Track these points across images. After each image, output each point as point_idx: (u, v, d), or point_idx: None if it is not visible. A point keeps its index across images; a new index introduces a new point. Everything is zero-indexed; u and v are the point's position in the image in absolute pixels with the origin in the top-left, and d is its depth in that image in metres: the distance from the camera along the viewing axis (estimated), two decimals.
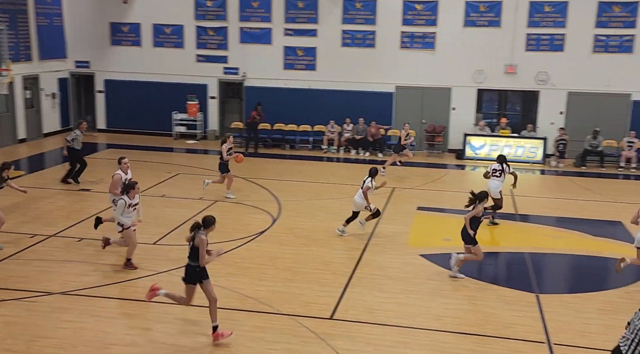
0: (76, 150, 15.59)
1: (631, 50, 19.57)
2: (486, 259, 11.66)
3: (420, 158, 20.61)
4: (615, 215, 14.20)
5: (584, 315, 9.14)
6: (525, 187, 17.38)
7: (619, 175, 18.89)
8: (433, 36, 20.91)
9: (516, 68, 20.43)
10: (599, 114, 20.03)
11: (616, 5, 19.45)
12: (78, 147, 15.60)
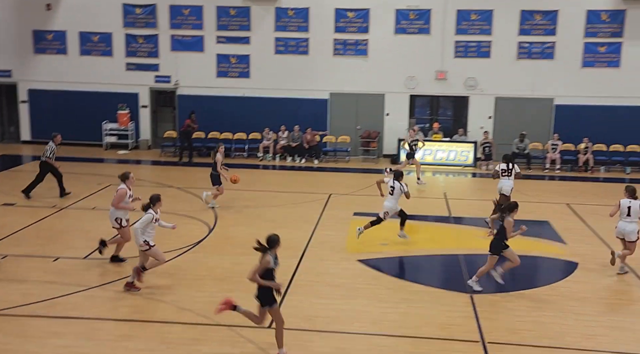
0: (49, 164, 15.18)
1: (552, 56, 20.42)
2: (422, 262, 11.87)
3: (356, 163, 20.82)
4: (543, 215, 14.73)
5: (515, 313, 9.41)
6: (458, 190, 17.85)
7: (544, 176, 19.63)
8: (365, 43, 21.20)
9: (446, 75, 20.96)
10: (525, 118, 20.79)
11: (537, 13, 20.27)
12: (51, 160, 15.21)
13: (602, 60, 20.18)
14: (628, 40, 19.90)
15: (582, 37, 20.17)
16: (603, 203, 15.46)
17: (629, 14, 19.75)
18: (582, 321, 9.15)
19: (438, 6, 20.68)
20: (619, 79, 20.12)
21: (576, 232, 13.45)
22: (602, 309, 9.62)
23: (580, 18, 20.06)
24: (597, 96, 20.26)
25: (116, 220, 10.81)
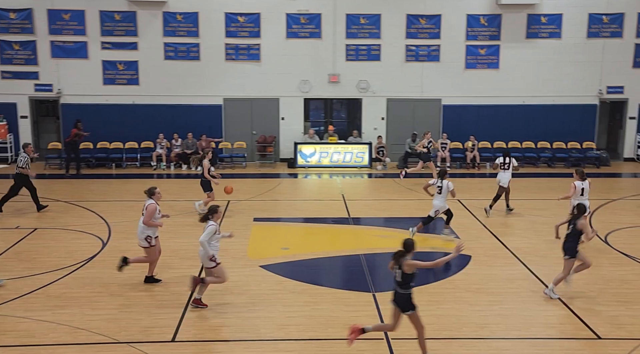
0: (23, 176, 14.67)
1: (438, 59, 21.30)
2: (324, 264, 11.94)
3: (253, 169, 20.69)
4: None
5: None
6: (356, 191, 18.17)
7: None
8: (258, 48, 21.12)
9: (339, 78, 21.30)
10: (416, 118, 21.55)
11: (422, 17, 21.07)
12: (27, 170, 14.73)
13: (483, 62, 21.30)
14: (505, 42, 21.14)
15: (464, 40, 21.19)
16: (490, 198, 16.26)
17: (504, 18, 20.97)
18: (476, 312, 9.55)
19: (328, 11, 20.98)
20: (498, 80, 21.32)
21: (468, 226, 14.06)
22: (494, 298, 10.08)
23: (461, 22, 21.06)
24: (480, 96, 21.36)
25: (146, 238, 10.24)
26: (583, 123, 21.48)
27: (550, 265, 11.53)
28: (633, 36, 20.99)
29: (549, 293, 10.03)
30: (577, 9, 20.83)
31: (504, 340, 8.66)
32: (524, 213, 15.11)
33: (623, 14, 20.84)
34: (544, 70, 21.19)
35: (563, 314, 9.43)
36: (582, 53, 21.11)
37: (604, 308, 9.60)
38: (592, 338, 8.66)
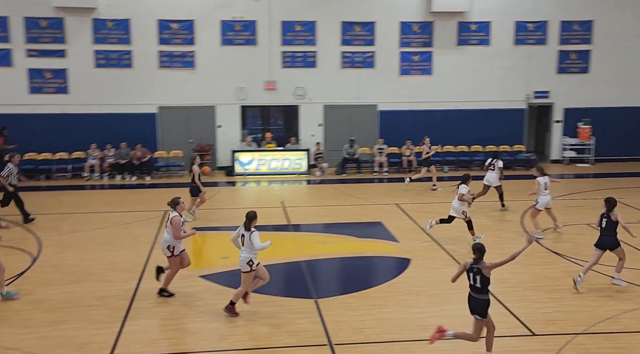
0: (12, 185, 14.52)
1: (373, 65, 21.60)
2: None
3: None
4: (376, 216, 15.45)
5: (358, 313, 9.73)
6: (295, 198, 18.15)
7: (374, 179, 20.65)
8: (192, 55, 20.84)
9: (276, 85, 21.27)
10: (353, 124, 21.75)
11: (356, 25, 21.32)
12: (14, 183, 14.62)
13: (417, 68, 21.74)
14: (437, 49, 21.65)
15: (398, 47, 21.57)
16: (427, 202, 16.61)
17: (436, 26, 21.48)
18: (417, 314, 9.69)
19: (263, 17, 20.94)
20: (432, 85, 21.80)
21: (407, 230, 14.27)
22: (434, 300, 10.25)
23: (395, 29, 21.44)
24: (415, 101, 21.77)
25: (168, 247, 10.03)
26: (513, 127, 22.23)
27: None
28: (556, 43, 21.90)
29: (618, 282, 10.58)
30: (504, 17, 21.57)
31: (444, 340, 8.80)
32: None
33: (547, 22, 21.73)
34: (475, 76, 21.83)
35: (500, 313, 9.67)
36: (510, 59, 21.86)
37: (538, 305, 9.92)
38: (527, 335, 8.92)
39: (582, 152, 22.43)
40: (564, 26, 21.80)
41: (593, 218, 14.73)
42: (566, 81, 22.13)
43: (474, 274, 7.81)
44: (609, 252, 10.51)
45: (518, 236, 13.74)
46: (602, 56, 21.99)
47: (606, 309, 9.65)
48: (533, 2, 21.58)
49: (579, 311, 9.67)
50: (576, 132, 22.39)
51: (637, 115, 22.34)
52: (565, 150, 22.39)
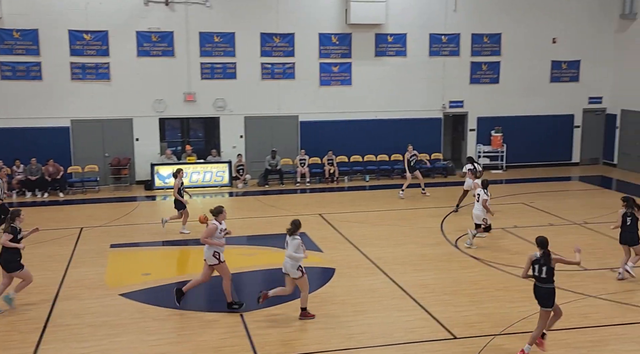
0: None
1: (294, 76, 21.68)
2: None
3: (107, 193, 19.69)
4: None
5: (284, 324, 9.69)
6: None
7: (296, 190, 20.69)
8: (107, 66, 20.23)
9: (195, 96, 20.96)
10: (274, 135, 21.72)
11: (276, 36, 21.38)
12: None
13: (336, 78, 22.00)
14: (356, 60, 22.00)
15: (317, 58, 21.77)
16: (349, 211, 16.80)
17: (354, 37, 21.84)
18: (342, 323, 9.76)
19: (180, 29, 20.61)
20: (352, 96, 22.12)
21: (331, 240, 14.37)
22: (358, 309, 10.36)
23: (314, 40, 21.63)
24: (335, 112, 22.01)
25: (214, 254, 10.07)
26: (430, 135, 22.86)
27: (409, 271, 12.10)
28: (468, 55, 22.76)
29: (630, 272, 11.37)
30: (419, 30, 22.22)
31: (369, 348, 8.91)
32: (382, 224, 15.73)
33: (459, 34, 22.56)
34: (393, 86, 22.32)
35: (422, 318, 9.90)
36: (426, 70, 22.52)
37: (458, 309, 10.22)
38: (449, 338, 9.17)
39: (495, 159, 23.36)
40: (475, 39, 22.70)
41: (508, 223, 15.47)
42: (479, 91, 23.03)
43: (540, 265, 8.29)
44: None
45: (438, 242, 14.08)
46: (510, 67, 23.04)
47: (521, 310, 10.06)
48: (445, 15, 22.35)
49: (497, 313, 10.03)
50: (489, 139, 23.31)
51: (542, 123, 23.51)
52: (479, 158, 23.24)
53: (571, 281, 11.36)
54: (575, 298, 10.54)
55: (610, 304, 10.28)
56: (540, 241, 8.42)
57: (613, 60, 23.45)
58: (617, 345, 8.84)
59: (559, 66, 23.35)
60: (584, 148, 24.06)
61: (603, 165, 23.97)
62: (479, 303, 10.45)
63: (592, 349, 8.70)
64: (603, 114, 24.00)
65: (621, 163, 23.33)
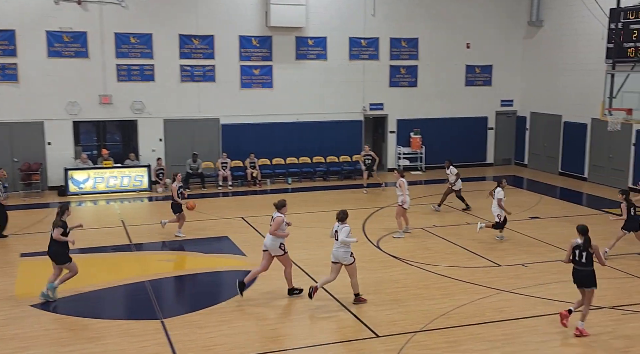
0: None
1: (214, 78, 21.41)
2: (105, 295, 11.21)
3: (17, 200, 18.73)
4: (222, 231, 15.29)
5: (206, 330, 9.53)
6: (136, 216, 17.40)
7: (219, 193, 20.43)
8: (15, 67, 19.28)
9: (111, 99, 20.31)
10: (195, 138, 21.37)
11: (195, 38, 21.04)
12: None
13: (257, 81, 21.91)
14: (277, 63, 21.99)
15: (238, 61, 21.60)
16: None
17: (274, 40, 21.83)
18: (267, 326, 9.72)
19: (94, 29, 19.93)
20: (273, 99, 22.08)
21: (254, 243, 14.24)
22: (283, 311, 10.34)
23: (234, 43, 21.45)
24: (257, 115, 21.91)
25: (280, 246, 10.52)
26: (352, 138, 23.15)
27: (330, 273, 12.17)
28: (387, 59, 23.24)
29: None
30: (339, 33, 22.48)
31: (294, 350, 8.90)
32: (305, 226, 15.77)
33: (378, 38, 22.98)
34: (314, 89, 22.46)
35: (346, 319, 9.99)
36: (347, 73, 22.80)
37: (380, 308, 10.38)
38: (372, 337, 9.29)
39: (415, 160, 23.94)
40: (393, 43, 23.20)
41: (427, 223, 15.88)
42: (398, 94, 23.54)
43: (580, 251, 9.14)
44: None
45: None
46: (427, 71, 23.70)
47: (441, 307, 10.34)
48: (365, 20, 22.73)
49: (417, 310, 10.26)
50: (409, 141, 23.87)
51: (459, 125, 24.31)
52: (400, 159, 23.75)
53: (487, 277, 11.79)
54: (491, 293, 10.93)
55: (523, 298, 10.73)
56: (582, 228, 9.23)
57: (522, 65, 24.58)
58: (529, 337, 9.23)
59: (473, 70, 24.23)
60: (498, 149, 25.07)
61: (515, 165, 25.05)
62: (401, 302, 10.66)
63: (506, 342, 9.05)
64: (514, 117, 25.10)
65: (531, 163, 24.46)
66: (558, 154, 22.97)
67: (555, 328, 9.47)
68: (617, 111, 15.51)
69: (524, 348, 8.89)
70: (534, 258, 12.91)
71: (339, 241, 10.23)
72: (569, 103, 22.20)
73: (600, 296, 10.59)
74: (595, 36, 20.24)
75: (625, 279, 11.68)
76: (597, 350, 8.82)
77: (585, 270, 9.16)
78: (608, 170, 20.71)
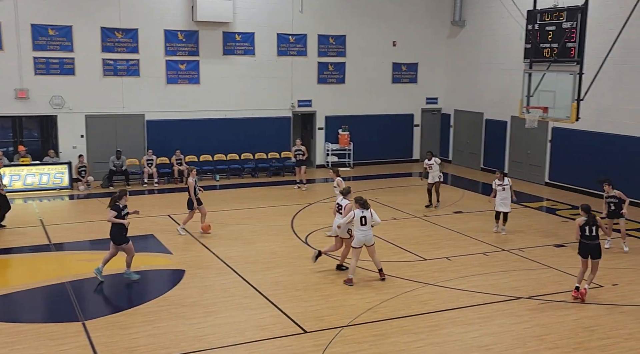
0: None
1: (139, 73, 20.85)
2: (22, 298, 10.75)
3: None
4: (147, 229, 14.93)
5: (130, 331, 9.28)
6: (56, 215, 16.75)
7: (144, 191, 19.94)
8: None
9: (28, 93, 19.44)
10: (119, 135, 20.76)
11: (118, 31, 20.42)
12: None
13: (184, 77, 21.50)
14: (204, 58, 21.66)
15: (164, 55, 21.12)
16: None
17: (201, 35, 21.48)
18: (193, 325, 9.56)
19: (9, 20, 19.01)
20: (200, 94, 21.74)
21: (180, 241, 14.03)
22: (209, 309, 10.20)
23: (159, 37, 20.96)
24: (183, 111, 21.51)
25: (348, 231, 11.55)
26: (280, 134, 23.12)
27: (260, 269, 12.15)
28: (315, 55, 23.33)
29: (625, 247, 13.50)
30: (267, 29, 22.38)
31: (221, 349, 8.81)
32: (232, 223, 15.64)
33: (306, 35, 23.04)
34: (242, 85, 22.26)
35: (274, 315, 9.97)
36: (275, 69, 22.73)
37: (308, 304, 10.42)
38: (299, 333, 9.32)
39: (343, 157, 24.17)
40: (321, 40, 23.31)
41: None
42: (326, 91, 23.68)
43: (590, 226, 10.42)
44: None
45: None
46: (355, 68, 23.96)
47: (368, 301, 10.49)
48: (292, 16, 22.72)
49: (345, 305, 10.37)
50: (337, 138, 24.06)
51: (386, 122, 24.71)
52: (328, 156, 23.91)
53: (412, 271, 12.06)
54: (417, 287, 11.18)
55: (447, 291, 11.03)
56: (586, 207, 10.64)
57: (446, 63, 25.25)
58: (452, 328, 9.50)
59: (399, 68, 24.68)
60: (423, 145, 25.64)
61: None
62: (329, 297, 10.73)
63: (431, 334, 9.28)
64: (439, 114, 25.76)
65: (455, 159, 25.19)
66: (480, 150, 23.76)
67: (477, 319, 9.79)
68: (534, 109, 16.14)
69: (447, 338, 9.14)
70: (457, 252, 13.29)
71: (369, 224, 11.25)
72: (490, 102, 22.99)
73: (517, 287, 11.06)
74: (514, 37, 21.03)
75: (541, 270, 12.21)
76: (515, 338, 9.18)
77: (593, 243, 10.50)
78: (526, 165, 21.60)
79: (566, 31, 15.60)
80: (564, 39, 15.61)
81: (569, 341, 9.06)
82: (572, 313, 10.07)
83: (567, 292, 10.90)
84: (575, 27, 15.41)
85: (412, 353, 8.68)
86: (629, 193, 13.99)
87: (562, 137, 19.96)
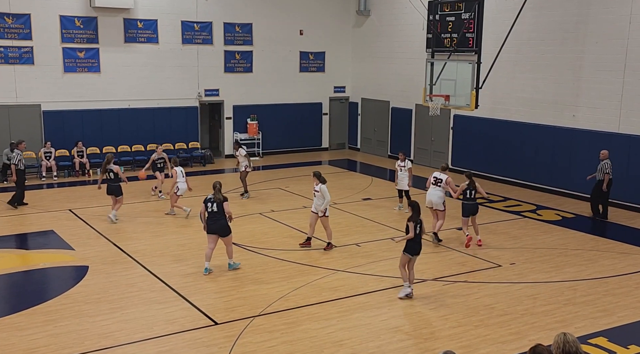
0: (21, 170, 15.60)
1: (33, 61, 19.72)
2: None
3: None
4: (47, 225, 14.24)
5: (29, 332, 8.83)
6: None
7: (42, 185, 18.96)
8: None
9: None
10: (13, 126, 19.59)
11: (8, 16, 19.21)
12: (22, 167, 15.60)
13: (83, 65, 20.54)
14: (104, 46, 20.75)
15: (60, 43, 20.07)
16: (103, 205, 15.87)
17: (100, 21, 20.57)
18: (98, 322, 9.22)
19: None
20: (101, 84, 20.85)
21: (83, 236, 13.46)
22: (115, 305, 9.87)
23: (55, 23, 19.90)
24: (83, 101, 20.56)
25: (443, 202, 13.07)
26: (187, 124, 22.61)
27: (168, 262, 11.88)
28: (222, 44, 22.95)
29: None
30: (170, 16, 21.75)
31: (128, 345, 8.55)
32: (139, 216, 15.19)
33: (211, 22, 22.60)
34: (146, 74, 21.56)
35: (183, 308, 9.79)
36: (180, 58, 22.15)
37: (219, 295, 10.31)
38: (210, 325, 9.20)
39: (252, 147, 23.99)
40: (227, 28, 22.95)
41: (265, 208, 16.01)
42: (233, 80, 23.37)
43: (470, 190, 12.81)
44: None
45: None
46: (262, 57, 23.78)
47: (279, 290, 10.50)
48: (197, 3, 22.21)
49: (256, 295, 10.33)
50: (246, 127, 23.85)
51: (294, 111, 24.73)
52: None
53: (323, 258, 12.18)
54: (327, 274, 11.31)
55: (357, 276, 11.23)
56: (469, 174, 12.88)
57: (352, 52, 25.57)
58: (361, 312, 9.69)
59: (307, 57, 24.73)
60: (332, 134, 25.92)
61: (349, 150, 26.09)
62: (240, 287, 10.66)
63: (341, 319, 9.42)
64: (347, 102, 26.08)
65: (363, 147, 25.63)
66: (387, 138, 24.29)
67: (385, 302, 10.04)
68: (437, 97, 16.66)
69: (357, 323, 9.31)
70: (366, 238, 13.55)
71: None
72: (396, 90, 23.52)
73: (422, 270, 11.42)
74: (417, 27, 21.59)
75: (445, 252, 12.68)
76: (421, 319, 9.49)
77: (474, 204, 12.84)
78: (431, 152, 22.30)
79: (465, 22, 16.20)
80: (462, 29, 16.19)
81: (470, 319, 9.47)
82: (474, 292, 10.53)
83: (469, 272, 11.38)
84: (473, 18, 16.04)
85: (323, 338, 8.78)
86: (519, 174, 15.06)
87: (463, 123, 20.76)
